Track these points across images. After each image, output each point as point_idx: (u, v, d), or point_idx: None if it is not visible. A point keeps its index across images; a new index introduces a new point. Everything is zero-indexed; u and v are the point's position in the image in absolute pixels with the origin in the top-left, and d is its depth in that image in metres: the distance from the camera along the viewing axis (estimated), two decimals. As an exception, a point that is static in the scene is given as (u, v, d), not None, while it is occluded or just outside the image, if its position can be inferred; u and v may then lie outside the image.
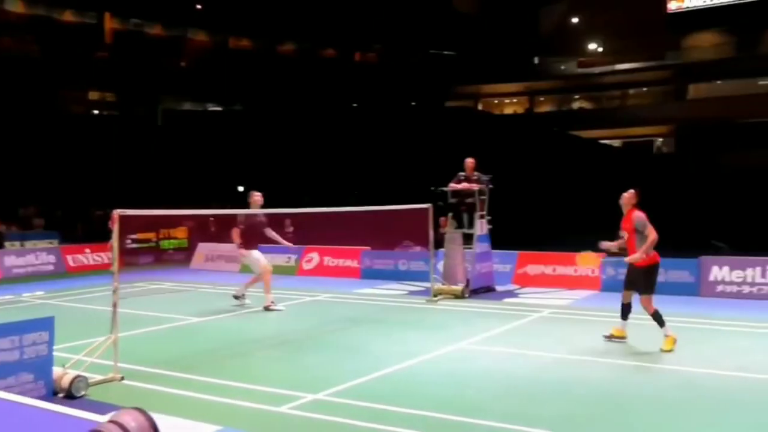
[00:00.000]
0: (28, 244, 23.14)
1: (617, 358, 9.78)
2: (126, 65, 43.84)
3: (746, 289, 15.06)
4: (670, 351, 9.87)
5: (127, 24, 48.03)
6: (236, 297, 14.75)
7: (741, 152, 35.03)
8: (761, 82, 49.53)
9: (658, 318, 10.20)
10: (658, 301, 14.31)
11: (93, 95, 46.97)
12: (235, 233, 14.41)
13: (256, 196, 14.23)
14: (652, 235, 10.18)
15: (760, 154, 33.93)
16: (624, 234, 10.45)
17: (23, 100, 37.08)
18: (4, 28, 40.37)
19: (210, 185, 34.06)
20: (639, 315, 10.49)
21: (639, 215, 10.29)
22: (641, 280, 10.30)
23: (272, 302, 14.19)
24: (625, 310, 10.67)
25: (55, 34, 42.92)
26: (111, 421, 3.69)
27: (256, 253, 14.44)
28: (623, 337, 10.64)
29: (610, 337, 10.69)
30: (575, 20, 55.88)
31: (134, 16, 47.90)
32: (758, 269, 15.02)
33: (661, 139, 52.06)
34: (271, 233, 14.47)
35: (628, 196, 10.52)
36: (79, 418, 4.31)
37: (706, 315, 13.11)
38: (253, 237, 14.37)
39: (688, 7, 50.46)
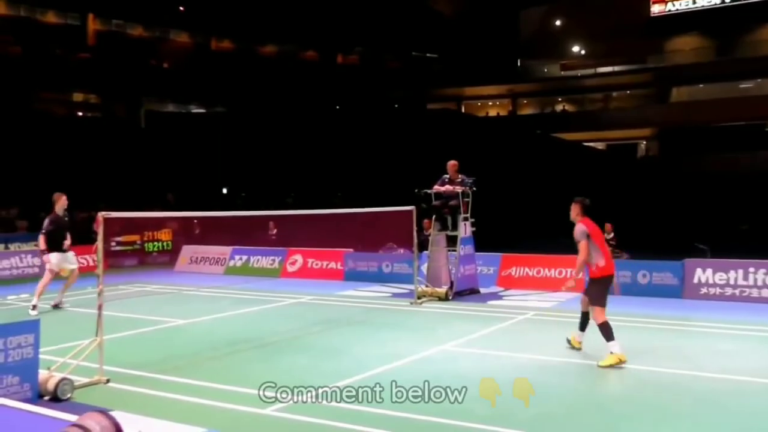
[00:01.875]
0: (12, 247, 22.93)
1: (599, 359, 9.75)
2: (108, 66, 43.69)
3: (729, 291, 15.20)
4: (609, 367, 9.13)
5: (110, 25, 47.94)
6: (55, 306, 14.85)
7: (724, 155, 35.30)
8: (742, 86, 50.08)
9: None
10: (643, 303, 14.59)
11: (77, 97, 46.86)
12: (42, 240, 14.44)
13: (63, 198, 14.34)
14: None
15: (741, 158, 34.24)
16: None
17: (4, 102, 36.93)
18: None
19: (194, 187, 34.02)
20: (627, 317, 10.48)
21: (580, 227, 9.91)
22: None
23: (34, 305, 14.17)
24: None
25: (37, 34, 42.72)
26: (75, 425, 3.67)
27: (53, 256, 14.43)
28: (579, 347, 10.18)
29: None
30: (557, 23, 56.11)
31: (117, 17, 47.78)
32: (740, 272, 15.16)
33: (645, 142, 52.39)
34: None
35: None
36: (64, 421, 4.29)
37: (690, 317, 13.22)
38: (58, 240, 14.38)
39: (670, 11, 50.81)
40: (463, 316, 13.65)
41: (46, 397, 7.93)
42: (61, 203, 14.39)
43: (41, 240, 14.42)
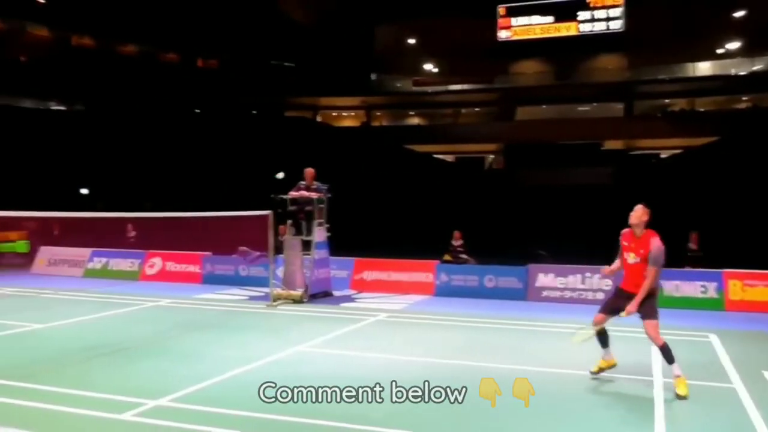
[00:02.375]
0: None
1: (450, 358, 10.20)
2: None
3: (568, 294, 16.23)
4: (686, 396, 8.23)
5: None
6: None
7: (563, 170, 37.02)
8: (580, 108, 53.00)
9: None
10: (487, 306, 15.27)
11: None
12: None
13: None
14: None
15: (579, 172, 36.02)
16: (631, 256, 8.70)
17: None
18: None
19: (51, 187, 32.79)
20: (475, 319, 10.87)
21: (659, 245, 8.54)
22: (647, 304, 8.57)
23: None
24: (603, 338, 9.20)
25: None
26: None
27: None
28: (613, 365, 9.27)
29: (598, 372, 9.22)
30: (410, 41, 57.29)
31: None
32: (578, 276, 16.24)
33: (491, 156, 54.20)
34: None
35: (640, 214, 8.65)
36: None
37: (533, 318, 13.90)
38: None
39: (515, 38, 53.00)
40: (317, 318, 13.84)
41: None
42: None
43: None
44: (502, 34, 53.25)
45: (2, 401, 8.04)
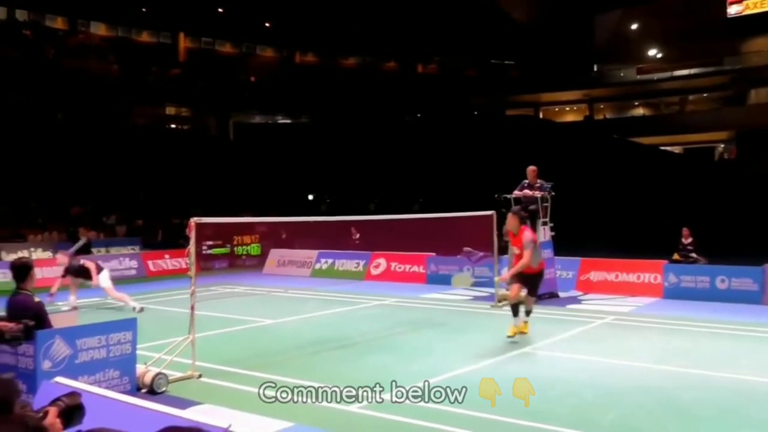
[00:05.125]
0: (113, 251, 24.55)
1: (680, 365, 9.76)
2: (199, 81, 45.61)
3: (812, 298, 14.89)
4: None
5: (199, 43, 50.40)
6: None
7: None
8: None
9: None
10: (719, 309, 14.33)
11: (169, 110, 48.81)
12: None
13: None
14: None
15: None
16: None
17: (102, 117, 39.00)
18: (88, 50, 42.74)
19: (280, 194, 34.77)
20: (706, 323, 10.41)
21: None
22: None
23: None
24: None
25: (133, 53, 44.79)
26: None
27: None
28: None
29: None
30: (633, 27, 55.33)
31: (206, 35, 50.38)
32: (823, 277, 14.86)
33: (722, 145, 51.24)
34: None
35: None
36: (161, 413, 4.56)
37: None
38: None
39: (747, 12, 49.51)
40: (543, 319, 13.66)
41: (143, 390, 8.40)
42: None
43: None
44: (732, 10, 49.85)
45: (238, 388, 8.74)
